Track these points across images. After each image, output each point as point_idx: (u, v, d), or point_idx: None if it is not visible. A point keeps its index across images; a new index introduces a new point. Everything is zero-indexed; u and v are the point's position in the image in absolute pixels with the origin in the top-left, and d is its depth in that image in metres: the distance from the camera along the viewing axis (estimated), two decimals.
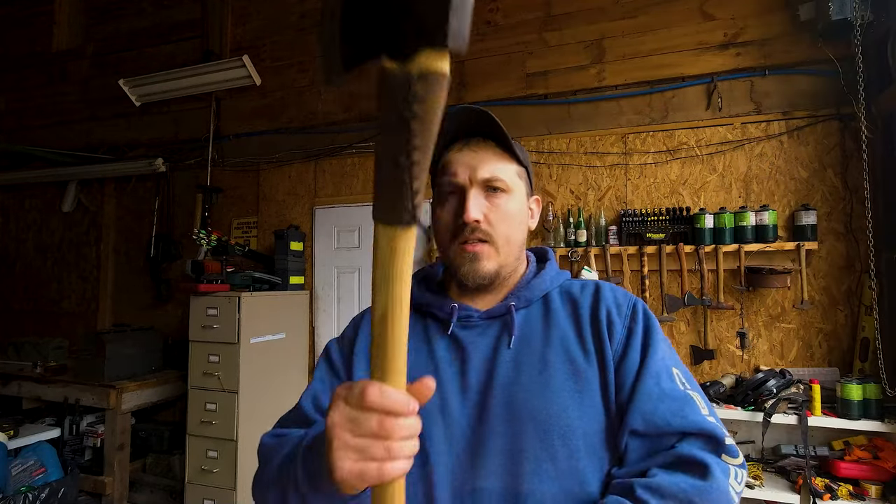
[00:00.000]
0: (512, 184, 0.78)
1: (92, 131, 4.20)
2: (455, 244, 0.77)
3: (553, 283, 0.82)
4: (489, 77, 3.12)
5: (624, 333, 0.75)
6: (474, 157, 0.77)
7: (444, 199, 0.79)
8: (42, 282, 4.30)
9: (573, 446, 0.68)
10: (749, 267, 2.52)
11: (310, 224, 3.49)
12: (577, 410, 0.70)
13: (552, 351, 0.74)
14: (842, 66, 2.43)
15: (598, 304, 0.78)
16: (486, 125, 0.77)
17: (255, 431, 2.88)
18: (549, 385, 0.71)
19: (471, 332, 0.78)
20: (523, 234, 0.81)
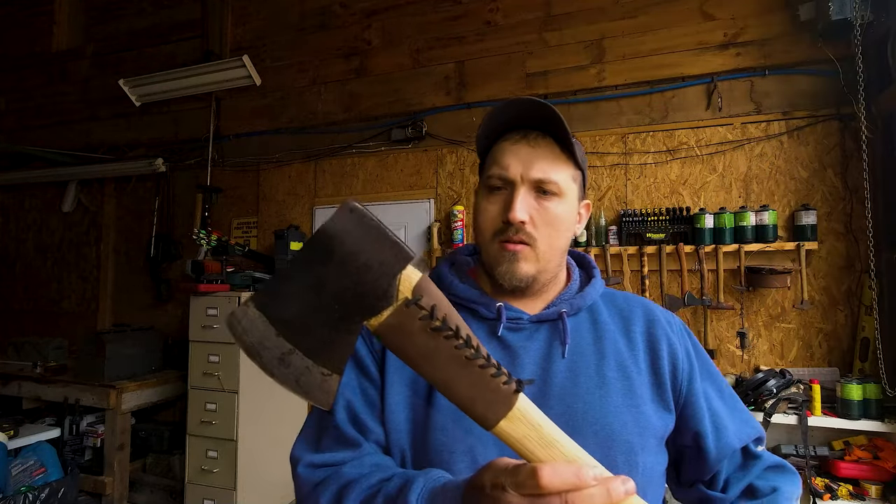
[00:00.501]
0: (565, 187, 0.73)
1: (92, 131, 4.20)
2: (496, 241, 0.74)
3: (598, 292, 0.81)
4: (489, 77, 3.12)
5: (685, 357, 0.76)
6: (530, 153, 0.73)
7: (491, 192, 0.74)
8: (42, 282, 4.30)
9: (633, 463, 0.67)
10: (749, 267, 2.52)
11: (310, 224, 3.49)
12: (636, 427, 0.69)
13: (607, 365, 0.73)
14: (842, 66, 2.42)
15: (652, 322, 0.78)
16: (548, 120, 0.73)
17: (255, 431, 2.88)
18: (608, 400, 0.70)
19: (519, 335, 0.74)
20: (567, 241, 0.77)
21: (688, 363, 0.76)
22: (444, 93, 3.22)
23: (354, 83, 3.45)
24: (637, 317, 0.78)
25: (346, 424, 0.69)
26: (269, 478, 2.98)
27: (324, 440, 0.70)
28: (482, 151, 0.80)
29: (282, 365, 0.46)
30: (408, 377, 0.71)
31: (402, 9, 3.35)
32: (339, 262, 0.44)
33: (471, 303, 0.76)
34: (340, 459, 0.67)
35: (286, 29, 3.65)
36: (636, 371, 0.73)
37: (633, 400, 0.71)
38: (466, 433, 0.66)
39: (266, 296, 0.47)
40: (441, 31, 3.25)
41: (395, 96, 3.33)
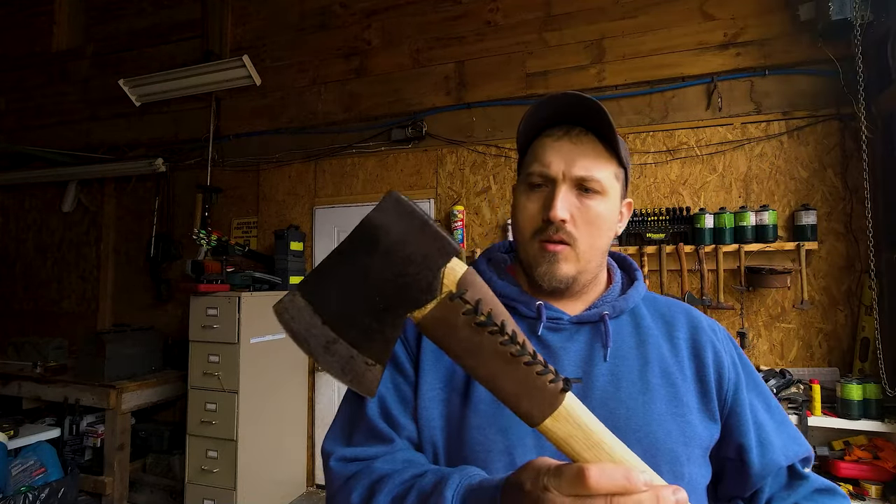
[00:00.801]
0: (607, 185, 0.70)
1: (92, 131, 4.21)
2: (535, 240, 0.71)
3: (640, 295, 0.78)
4: (489, 77, 3.12)
5: (731, 365, 0.73)
6: (573, 149, 0.70)
7: (531, 190, 0.72)
8: (42, 282, 4.30)
9: (678, 474, 0.65)
10: (749, 267, 2.52)
11: (310, 224, 3.49)
12: (681, 437, 0.66)
13: (651, 370, 0.70)
14: (842, 66, 2.43)
15: (697, 329, 0.75)
16: (592, 116, 0.70)
17: (255, 431, 2.88)
18: (652, 407, 0.67)
19: (559, 336, 0.72)
20: (609, 241, 0.74)
21: (734, 372, 0.73)
22: (444, 93, 3.22)
23: (354, 83, 3.45)
24: (680, 322, 0.76)
25: (378, 419, 0.68)
26: (269, 478, 2.98)
27: (355, 435, 0.69)
28: (522, 147, 0.77)
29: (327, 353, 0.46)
30: (443, 374, 0.70)
31: (402, 9, 3.35)
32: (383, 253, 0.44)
33: (510, 300, 0.75)
34: (372, 454, 0.66)
35: (286, 29, 3.65)
36: (681, 378, 0.70)
37: (679, 408, 0.68)
38: (504, 433, 0.65)
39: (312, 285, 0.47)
40: (441, 31, 3.25)
41: (395, 96, 3.33)
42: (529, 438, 0.65)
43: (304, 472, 3.31)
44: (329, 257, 0.48)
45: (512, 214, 0.76)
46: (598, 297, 0.77)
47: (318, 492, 3.30)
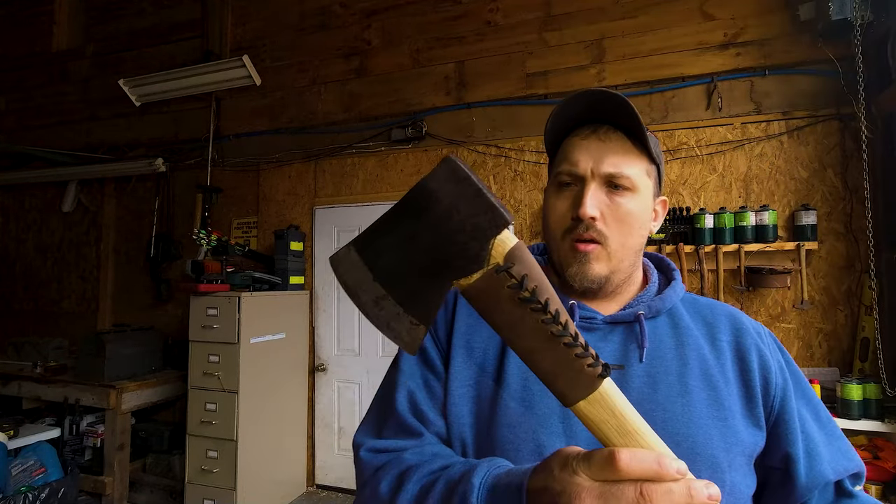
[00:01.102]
0: (638, 182, 0.69)
1: (92, 131, 4.21)
2: (566, 240, 0.70)
3: (679, 296, 0.76)
4: (489, 77, 3.12)
5: (778, 371, 0.70)
6: (601, 146, 0.69)
7: (561, 189, 0.71)
8: (42, 282, 4.30)
9: (719, 480, 0.61)
10: (749, 267, 2.52)
11: (310, 224, 3.49)
12: (723, 442, 0.63)
13: (690, 373, 0.67)
14: (842, 66, 2.43)
15: (741, 332, 0.72)
16: (619, 112, 0.69)
17: (255, 431, 2.88)
18: (691, 410, 0.64)
19: (592, 336, 0.70)
20: (642, 239, 0.72)
21: (781, 378, 0.70)
22: (444, 93, 3.22)
23: (354, 83, 3.45)
24: (723, 324, 0.73)
25: (408, 414, 0.68)
26: (269, 478, 2.98)
27: (385, 428, 0.69)
28: (551, 149, 0.77)
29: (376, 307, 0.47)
30: (474, 372, 0.70)
31: (402, 9, 3.35)
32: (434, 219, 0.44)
33: None
34: (401, 447, 0.66)
35: (286, 29, 3.65)
36: (723, 382, 0.67)
37: (721, 412, 0.65)
38: (535, 432, 0.64)
39: (365, 242, 0.48)
40: (441, 31, 3.25)
41: (395, 96, 3.33)
42: (560, 438, 0.64)
43: (304, 472, 3.31)
44: (383, 217, 0.48)
45: (543, 215, 0.76)
46: (633, 297, 0.75)
47: (318, 492, 3.30)
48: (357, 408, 3.30)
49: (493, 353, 0.71)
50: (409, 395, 0.69)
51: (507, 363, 0.69)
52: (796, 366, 0.74)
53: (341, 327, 3.38)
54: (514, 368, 0.68)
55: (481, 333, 0.73)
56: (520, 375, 0.68)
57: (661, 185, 0.76)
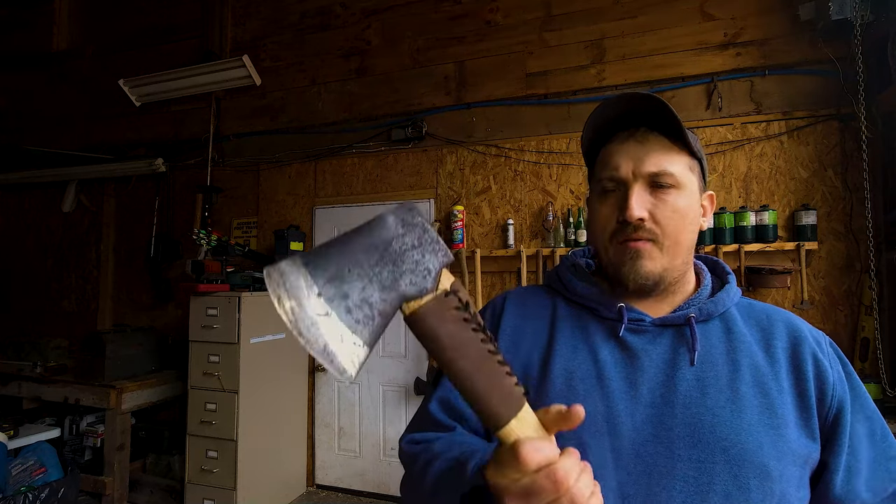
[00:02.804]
0: (683, 178, 0.69)
1: (92, 131, 4.21)
2: (614, 242, 0.71)
3: (733, 300, 0.74)
4: (489, 77, 3.12)
5: (836, 381, 0.68)
6: (640, 148, 0.69)
7: (604, 196, 0.71)
8: (42, 282, 4.30)
9: (768, 490, 0.60)
10: (749, 267, 2.52)
11: (310, 224, 3.49)
12: (774, 451, 0.62)
13: (742, 379, 0.66)
14: (842, 66, 2.43)
15: (798, 340, 0.70)
16: (654, 112, 0.69)
17: (255, 431, 2.88)
18: (741, 416, 0.63)
19: (641, 338, 0.69)
20: (694, 235, 0.71)
21: (840, 389, 0.67)
22: (444, 93, 3.22)
23: (354, 83, 3.45)
24: (779, 331, 0.71)
25: (439, 412, 0.72)
26: (269, 478, 2.98)
27: (421, 426, 0.74)
28: (590, 159, 0.77)
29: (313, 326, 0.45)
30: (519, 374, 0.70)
31: (402, 9, 3.35)
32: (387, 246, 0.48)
33: (590, 301, 0.74)
34: (434, 437, 0.69)
35: (286, 29, 3.65)
36: (777, 390, 0.65)
37: (773, 420, 0.63)
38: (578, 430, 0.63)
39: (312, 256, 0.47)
40: (441, 31, 3.25)
41: (395, 96, 3.33)
42: (604, 438, 0.64)
43: (304, 472, 3.31)
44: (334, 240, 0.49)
45: (588, 224, 0.77)
46: (685, 299, 0.73)
47: (318, 492, 3.30)
48: (357, 408, 3.30)
49: (537, 354, 0.72)
50: (442, 398, 0.73)
51: (552, 364, 0.70)
52: (858, 378, 0.71)
53: None
54: (559, 368, 0.69)
55: (527, 336, 0.74)
56: (563, 375, 0.68)
57: (705, 179, 0.75)
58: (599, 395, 0.66)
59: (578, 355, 0.69)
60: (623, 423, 0.64)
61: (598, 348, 0.69)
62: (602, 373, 0.67)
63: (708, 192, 0.76)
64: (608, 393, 0.66)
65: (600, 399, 0.65)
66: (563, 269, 0.81)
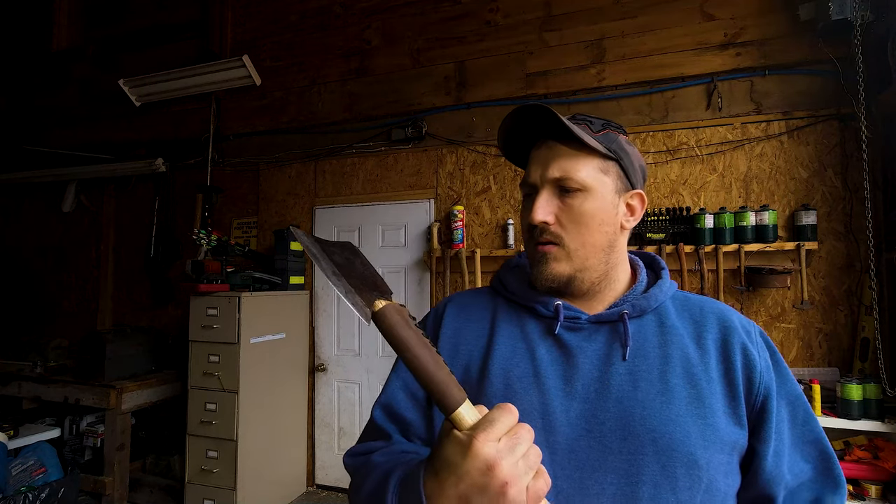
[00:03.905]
0: (591, 182, 0.71)
1: (92, 131, 4.21)
2: (531, 245, 0.75)
3: (667, 294, 0.76)
4: (489, 77, 3.12)
5: (763, 369, 0.70)
6: (549, 154, 0.72)
7: (525, 201, 0.77)
8: (42, 282, 4.30)
9: (695, 478, 0.63)
10: (749, 267, 2.52)
11: (310, 224, 3.49)
12: (701, 439, 0.64)
13: (672, 371, 0.68)
14: (842, 66, 2.42)
15: (728, 330, 0.72)
16: (547, 121, 0.72)
17: (255, 431, 2.88)
18: (670, 407, 0.65)
19: (577, 335, 0.72)
20: (607, 237, 0.73)
21: (767, 377, 0.70)
22: (444, 93, 3.22)
23: (354, 83, 3.45)
24: (710, 323, 0.73)
25: (383, 420, 0.76)
26: (269, 478, 2.98)
27: (364, 434, 0.78)
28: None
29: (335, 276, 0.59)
30: (459, 374, 0.73)
31: (401, 9, 3.35)
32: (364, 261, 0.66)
33: (529, 301, 0.76)
34: (372, 448, 0.72)
35: (286, 29, 3.65)
36: (706, 380, 0.68)
37: (701, 410, 0.66)
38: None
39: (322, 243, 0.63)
40: (441, 31, 3.25)
41: (395, 96, 3.33)
42: (540, 433, 0.66)
43: (304, 472, 3.31)
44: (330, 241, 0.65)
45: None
46: (619, 296, 0.76)
47: (319, 492, 3.30)
48: (357, 408, 3.30)
49: (478, 355, 0.74)
50: (387, 405, 0.76)
51: (491, 364, 0.72)
52: (785, 366, 0.74)
53: (341, 327, 3.38)
54: (497, 368, 0.71)
55: (467, 337, 0.76)
56: (502, 374, 0.70)
57: (630, 177, 0.75)
58: (536, 392, 0.68)
59: (517, 354, 0.72)
60: (558, 419, 0.66)
61: (535, 347, 0.72)
62: (539, 371, 0.69)
63: (635, 190, 0.76)
64: (544, 390, 0.68)
65: (536, 396, 0.68)
66: (504, 270, 0.84)
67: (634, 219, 0.77)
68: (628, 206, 0.76)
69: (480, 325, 0.77)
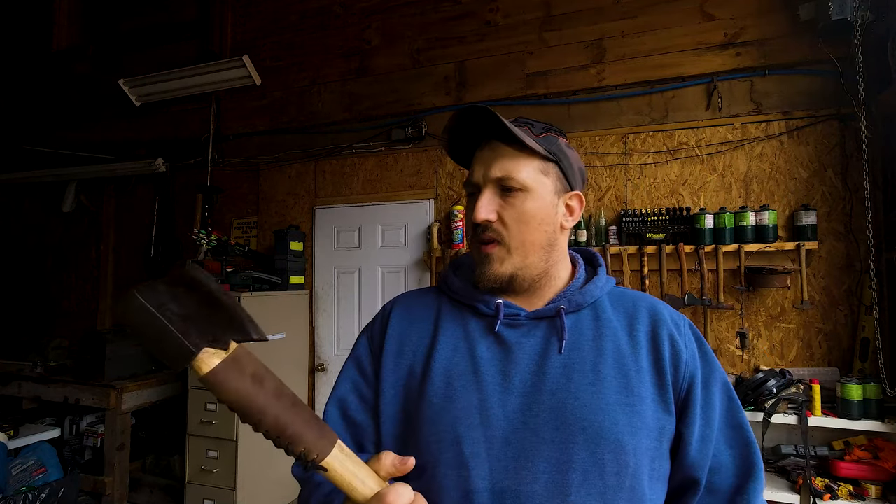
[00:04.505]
0: (531, 182, 0.74)
1: (92, 131, 4.21)
2: (474, 245, 0.77)
3: (603, 289, 0.79)
4: (489, 77, 3.12)
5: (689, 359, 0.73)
6: (491, 155, 0.75)
7: (469, 200, 0.79)
8: (42, 282, 4.30)
9: (622, 463, 0.66)
10: (749, 267, 2.52)
11: (310, 224, 3.49)
12: (629, 426, 0.67)
13: (605, 362, 0.71)
14: (842, 66, 2.42)
15: (658, 322, 0.75)
16: (489, 123, 0.75)
17: (255, 431, 2.88)
18: (601, 396, 0.68)
19: (516, 331, 0.74)
20: (547, 235, 0.76)
21: (692, 366, 0.73)
22: (444, 93, 3.22)
23: (354, 83, 3.45)
24: (642, 316, 0.77)
25: (336, 417, 0.77)
26: (269, 478, 2.98)
27: None
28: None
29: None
30: (403, 374, 0.76)
31: (401, 9, 3.35)
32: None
33: (470, 299, 0.78)
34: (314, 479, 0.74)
35: (286, 29, 3.65)
36: (636, 370, 0.71)
37: (630, 398, 0.69)
38: (454, 424, 0.69)
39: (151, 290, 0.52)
40: (441, 31, 3.25)
41: (395, 96, 3.33)
42: (478, 430, 0.68)
43: None
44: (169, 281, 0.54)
45: None
46: (558, 292, 0.79)
47: None
48: None
49: (421, 355, 0.76)
50: (340, 400, 0.78)
51: (432, 363, 0.74)
52: (714, 358, 0.77)
53: (341, 327, 3.38)
54: (439, 367, 0.73)
55: (412, 338, 0.78)
56: (443, 374, 0.72)
57: (569, 179, 0.78)
58: (475, 389, 0.70)
59: (458, 353, 0.74)
60: (495, 414, 0.69)
61: (476, 345, 0.74)
62: (478, 368, 0.72)
63: (573, 192, 0.79)
64: (483, 387, 0.70)
65: (475, 393, 0.70)
66: (449, 270, 0.86)
67: (573, 219, 0.80)
68: (567, 207, 0.79)
69: (424, 325, 0.79)
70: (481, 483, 0.66)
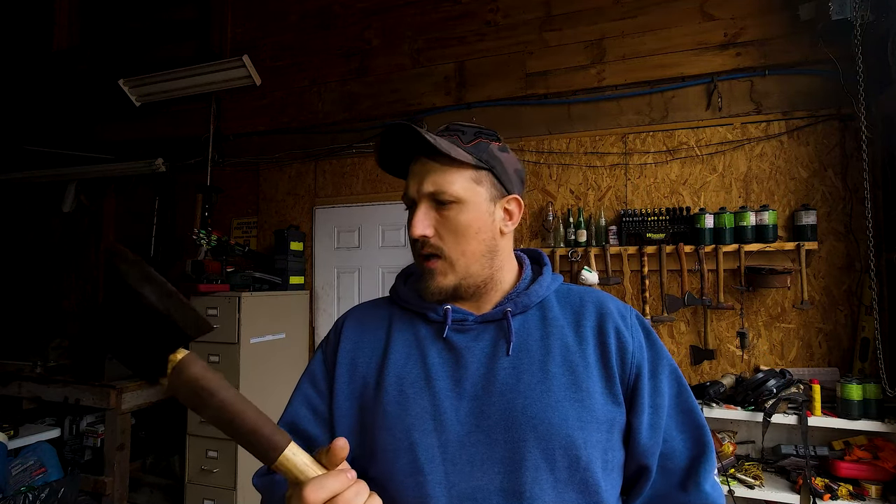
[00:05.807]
0: (464, 193, 0.74)
1: (92, 131, 4.21)
2: (419, 260, 0.78)
3: (549, 288, 0.80)
4: (489, 77, 3.12)
5: (636, 350, 0.74)
6: (422, 169, 0.75)
7: (408, 212, 0.78)
8: (42, 282, 4.29)
9: (573, 457, 0.67)
10: (749, 267, 2.52)
11: (310, 224, 3.49)
12: (578, 421, 0.68)
13: (552, 360, 0.72)
14: (842, 66, 2.42)
15: (604, 316, 0.76)
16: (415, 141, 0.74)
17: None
18: (549, 394, 0.69)
19: (465, 336, 0.75)
20: (486, 244, 0.76)
21: (639, 356, 0.74)
22: (444, 93, 3.22)
23: (354, 83, 3.45)
24: (589, 311, 0.77)
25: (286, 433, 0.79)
26: None
27: None
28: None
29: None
30: (358, 385, 0.77)
31: (401, 9, 3.35)
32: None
33: (420, 308, 0.79)
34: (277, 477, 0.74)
35: (286, 29, 3.65)
36: (583, 365, 0.72)
37: (578, 394, 0.70)
38: (408, 433, 0.70)
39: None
40: (441, 31, 3.25)
41: (395, 96, 3.33)
42: (431, 435, 0.69)
43: None
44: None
45: None
46: (504, 295, 0.79)
47: None
48: None
49: (374, 365, 0.77)
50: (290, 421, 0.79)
51: (386, 372, 0.74)
52: (662, 347, 0.78)
53: None
54: (392, 376, 0.74)
55: (364, 349, 0.79)
56: (396, 382, 0.73)
57: (505, 184, 0.78)
58: (427, 395, 0.71)
59: (410, 361, 0.75)
60: (448, 418, 0.69)
61: (427, 351, 0.75)
62: (430, 374, 0.72)
63: (510, 196, 0.79)
64: (435, 392, 0.71)
65: (428, 399, 0.71)
66: (399, 279, 0.87)
67: (513, 223, 0.80)
68: (506, 211, 0.79)
69: (377, 335, 0.80)
70: (437, 489, 0.67)
